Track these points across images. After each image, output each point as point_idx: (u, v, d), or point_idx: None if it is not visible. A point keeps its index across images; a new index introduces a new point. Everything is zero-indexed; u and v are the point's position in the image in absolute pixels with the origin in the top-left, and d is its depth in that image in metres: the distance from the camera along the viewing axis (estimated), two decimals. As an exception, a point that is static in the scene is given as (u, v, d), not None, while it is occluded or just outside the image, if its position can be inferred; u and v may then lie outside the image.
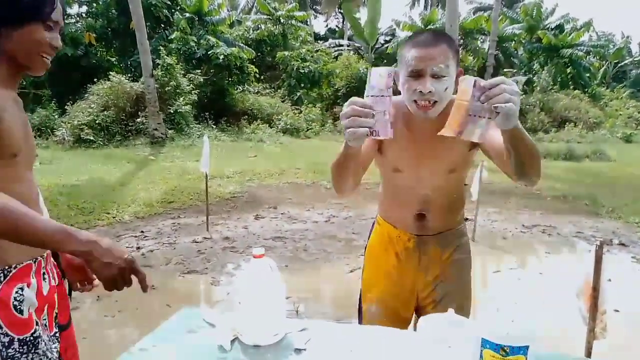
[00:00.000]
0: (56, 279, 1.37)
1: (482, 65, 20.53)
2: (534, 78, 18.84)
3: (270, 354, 1.50)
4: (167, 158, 10.64)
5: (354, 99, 1.24)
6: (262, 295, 1.56)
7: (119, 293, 1.36)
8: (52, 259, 1.38)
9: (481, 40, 21.32)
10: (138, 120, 12.86)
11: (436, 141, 1.54)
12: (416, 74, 1.47)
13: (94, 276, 1.27)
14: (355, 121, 1.22)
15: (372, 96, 1.24)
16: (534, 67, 20.41)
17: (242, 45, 17.37)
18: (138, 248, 4.86)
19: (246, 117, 16.04)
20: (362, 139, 1.26)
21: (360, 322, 1.94)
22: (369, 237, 1.98)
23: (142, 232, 5.36)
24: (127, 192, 7.07)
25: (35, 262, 1.25)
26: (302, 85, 18.71)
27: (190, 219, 6.08)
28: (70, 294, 1.45)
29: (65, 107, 12.98)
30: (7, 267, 1.15)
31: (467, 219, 1.98)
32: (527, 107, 17.11)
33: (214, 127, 14.81)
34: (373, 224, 1.98)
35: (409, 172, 1.71)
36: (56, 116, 13.03)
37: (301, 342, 1.54)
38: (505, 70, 22.11)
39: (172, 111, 13.33)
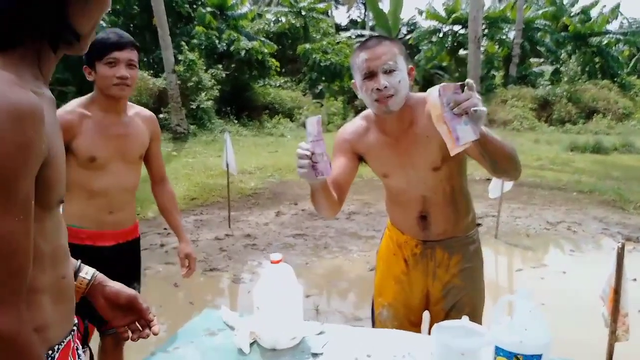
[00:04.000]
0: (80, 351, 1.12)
1: (507, 54, 20.17)
2: (561, 68, 18.40)
3: (287, 357, 1.53)
4: (190, 154, 10.77)
5: (300, 144, 1.43)
6: (280, 300, 1.59)
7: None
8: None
9: (506, 29, 20.91)
10: (161, 116, 13.02)
11: (410, 140, 1.70)
12: (369, 74, 1.59)
13: (150, 315, 1.15)
14: (298, 163, 1.42)
15: (311, 142, 1.42)
16: (561, 56, 19.95)
17: (263, 39, 17.42)
18: (162, 245, 4.95)
19: (267, 111, 16.12)
20: (312, 178, 1.44)
21: (373, 325, 1.97)
22: (381, 240, 2.01)
23: (165, 229, 5.42)
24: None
25: (72, 336, 1.04)
26: (324, 78, 18.68)
27: (212, 215, 6.17)
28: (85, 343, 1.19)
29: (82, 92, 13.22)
30: (50, 352, 0.96)
31: (479, 225, 1.97)
32: (554, 98, 16.77)
33: (236, 122, 14.93)
34: (385, 228, 2.00)
35: (396, 175, 1.79)
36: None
37: (318, 346, 1.57)
38: (531, 59, 21.71)
39: (194, 107, 13.48)
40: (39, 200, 0.79)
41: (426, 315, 1.95)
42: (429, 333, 1.88)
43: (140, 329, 1.17)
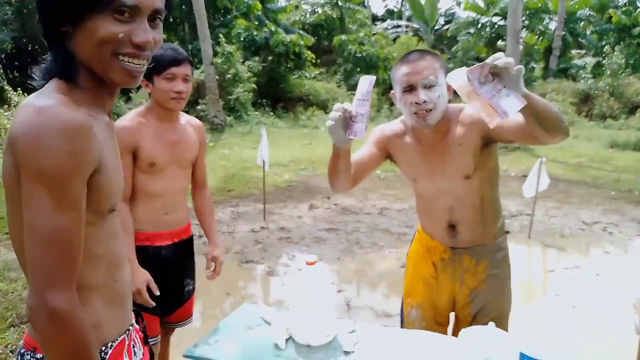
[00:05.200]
0: (141, 348, 1.22)
1: (547, 46, 19.62)
2: (604, 61, 17.77)
3: (321, 354, 1.63)
4: (226, 145, 10.99)
5: (338, 104, 1.47)
6: (314, 299, 1.69)
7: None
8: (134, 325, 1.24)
9: (547, 20, 20.32)
10: (198, 107, 13.32)
11: (443, 149, 1.74)
12: (409, 88, 1.64)
13: None
14: (331, 116, 1.47)
15: (357, 99, 1.45)
16: (604, 48, 19.27)
17: (300, 31, 17.48)
18: (200, 236, 5.11)
19: (302, 103, 16.21)
20: (341, 135, 1.49)
21: (402, 324, 2.05)
22: (411, 242, 2.08)
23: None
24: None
25: (128, 334, 1.12)
26: (359, 69, 18.62)
27: (248, 208, 6.33)
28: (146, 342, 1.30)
29: (130, 94, 13.62)
30: (104, 348, 1.03)
31: (507, 232, 2.01)
32: (596, 92, 16.24)
33: (271, 113, 15.09)
34: (416, 230, 2.08)
35: (425, 181, 1.84)
36: (122, 102, 13.68)
37: (350, 345, 1.66)
38: (572, 52, 21.05)
39: (231, 99, 13.69)
40: (91, 206, 0.93)
41: (452, 317, 2.02)
42: (454, 334, 1.96)
43: None
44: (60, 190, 0.86)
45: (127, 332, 1.11)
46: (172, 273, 2.14)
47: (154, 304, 1.96)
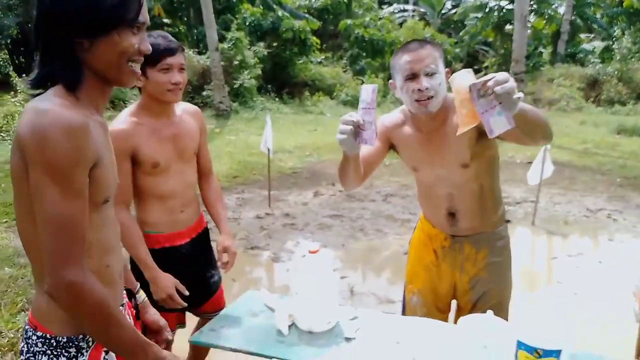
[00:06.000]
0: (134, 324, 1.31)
1: (555, 31, 19.38)
2: (613, 45, 17.54)
3: (323, 340, 1.67)
4: (232, 131, 11.00)
5: (345, 115, 1.52)
6: (317, 287, 1.73)
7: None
8: (127, 303, 1.35)
9: (555, 4, 20.03)
10: (204, 93, 13.31)
11: (441, 138, 1.78)
12: (412, 76, 1.68)
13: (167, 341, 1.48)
14: (341, 129, 1.51)
15: (362, 108, 1.49)
16: (615, 33, 19.00)
17: (307, 16, 17.34)
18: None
19: (308, 88, 16.14)
20: (352, 145, 1.53)
21: (403, 310, 2.09)
22: (414, 230, 2.12)
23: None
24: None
25: None
26: (365, 54, 18.49)
27: (253, 194, 6.37)
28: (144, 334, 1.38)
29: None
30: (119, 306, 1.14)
31: (508, 221, 2.04)
32: (604, 77, 16.07)
33: (276, 99, 15.05)
34: (419, 218, 2.11)
35: (425, 170, 1.88)
36: (127, 88, 13.68)
37: (351, 331, 1.70)
38: (581, 36, 20.79)
39: (236, 85, 13.66)
40: (89, 196, 1.05)
41: (453, 304, 2.05)
42: (456, 321, 1.99)
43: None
44: (66, 181, 0.99)
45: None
46: (194, 268, 2.11)
47: (185, 304, 1.95)
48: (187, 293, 1.95)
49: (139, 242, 1.89)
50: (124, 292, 1.33)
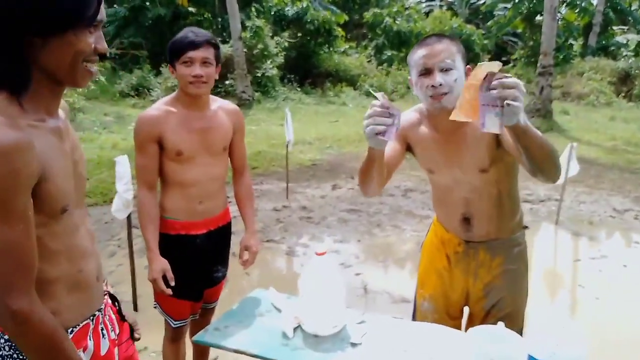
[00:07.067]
0: (116, 328, 1.30)
1: (587, 23, 18.81)
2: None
3: (328, 345, 1.64)
4: (253, 121, 11.01)
5: (376, 102, 1.39)
6: (323, 290, 1.69)
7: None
8: (110, 306, 1.32)
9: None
10: (227, 82, 13.33)
11: (460, 140, 1.71)
12: (426, 72, 1.62)
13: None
14: (375, 120, 1.38)
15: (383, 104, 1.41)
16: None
17: (331, 6, 17.21)
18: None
19: (330, 78, 16.04)
20: (381, 141, 1.40)
21: (414, 315, 2.04)
22: (427, 233, 2.05)
23: (227, 197, 5.65)
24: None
25: (93, 319, 1.19)
26: (390, 45, 18.26)
27: (271, 186, 6.37)
28: (132, 336, 1.40)
29: (160, 67, 13.64)
30: (69, 337, 1.10)
31: (526, 227, 1.96)
32: (637, 71, 15.56)
33: (299, 89, 15.00)
34: (432, 221, 2.04)
35: (441, 173, 1.81)
36: (152, 77, 13.79)
37: (358, 336, 1.66)
38: (615, 28, 20.15)
39: (259, 74, 13.65)
40: (43, 209, 1.00)
41: (466, 310, 1.99)
42: (466, 329, 1.93)
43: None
44: (5, 207, 0.92)
45: (92, 316, 1.19)
46: (205, 260, 2.14)
47: (170, 292, 1.97)
48: (172, 283, 1.98)
49: (148, 223, 1.97)
50: (106, 296, 1.30)
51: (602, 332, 2.96)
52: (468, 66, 1.67)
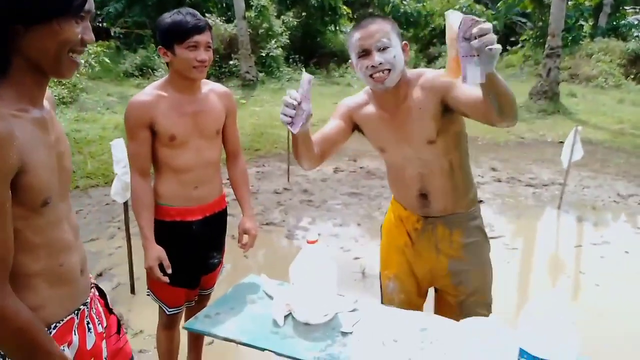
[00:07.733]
0: (103, 321, 1.29)
1: (598, 3, 18.41)
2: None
3: (318, 333, 1.63)
4: (257, 102, 10.95)
5: (290, 91, 1.47)
6: (315, 278, 1.68)
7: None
8: (97, 299, 1.30)
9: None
10: (231, 62, 13.23)
11: (405, 114, 1.75)
12: (364, 53, 1.66)
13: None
14: (283, 110, 1.47)
15: (301, 95, 1.47)
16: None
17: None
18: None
19: (336, 58, 15.88)
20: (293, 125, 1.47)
21: (382, 299, 2.04)
22: (386, 214, 2.06)
23: (228, 179, 5.64)
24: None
25: (77, 313, 1.17)
26: (398, 25, 18.00)
27: (273, 168, 6.34)
28: (119, 330, 1.38)
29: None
30: (46, 329, 1.08)
31: (481, 201, 1.97)
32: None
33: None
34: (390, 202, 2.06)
35: (392, 150, 1.85)
36: (156, 57, 13.70)
37: (349, 325, 1.65)
38: (626, 8, 19.74)
39: (263, 54, 13.52)
40: (23, 202, 0.98)
41: (431, 291, 2.02)
42: (435, 305, 1.97)
43: None
44: None
45: (77, 310, 1.17)
46: (200, 247, 2.12)
47: (167, 279, 1.96)
48: (169, 271, 1.96)
49: (142, 210, 1.95)
50: (93, 289, 1.28)
51: (601, 319, 2.95)
52: (404, 42, 1.71)
